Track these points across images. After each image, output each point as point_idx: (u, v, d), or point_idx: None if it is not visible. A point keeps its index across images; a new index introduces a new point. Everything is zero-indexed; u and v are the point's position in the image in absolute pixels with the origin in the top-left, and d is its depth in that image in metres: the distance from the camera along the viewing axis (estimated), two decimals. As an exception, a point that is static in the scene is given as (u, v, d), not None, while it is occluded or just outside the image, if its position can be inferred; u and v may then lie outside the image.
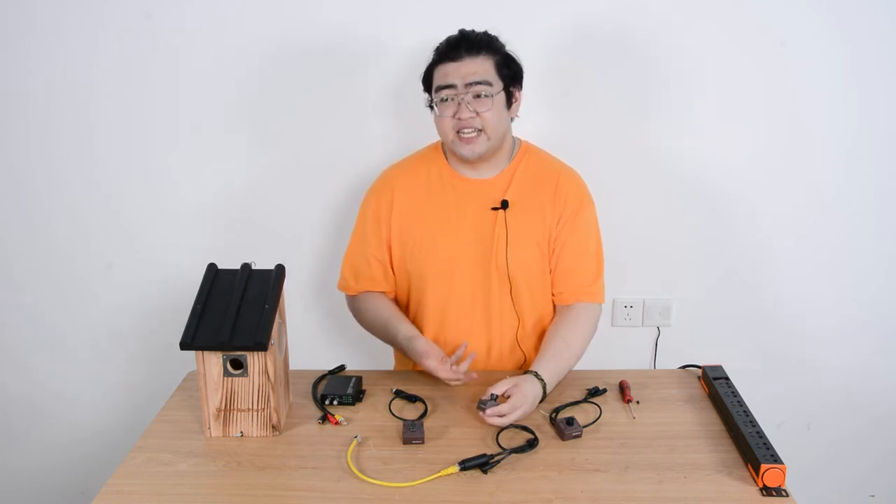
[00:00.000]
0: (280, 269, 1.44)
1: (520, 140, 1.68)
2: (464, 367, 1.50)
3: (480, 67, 1.51)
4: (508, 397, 1.39)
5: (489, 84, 1.51)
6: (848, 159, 1.98)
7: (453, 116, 1.52)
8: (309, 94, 1.94)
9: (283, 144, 2.00)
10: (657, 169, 2.00)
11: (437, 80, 1.54)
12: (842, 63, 1.90)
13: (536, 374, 1.46)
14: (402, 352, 1.62)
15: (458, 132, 1.53)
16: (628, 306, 2.12)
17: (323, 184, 2.02)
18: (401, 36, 1.88)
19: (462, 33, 1.54)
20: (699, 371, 1.60)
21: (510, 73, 1.56)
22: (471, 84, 1.50)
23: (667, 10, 1.86)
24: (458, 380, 1.51)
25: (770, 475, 1.21)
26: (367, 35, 1.90)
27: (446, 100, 1.52)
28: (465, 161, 1.59)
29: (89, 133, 1.98)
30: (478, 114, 1.51)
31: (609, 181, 1.94)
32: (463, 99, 1.51)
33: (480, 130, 1.53)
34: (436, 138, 1.68)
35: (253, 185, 2.02)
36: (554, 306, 1.68)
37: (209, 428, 1.38)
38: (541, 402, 1.45)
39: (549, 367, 1.49)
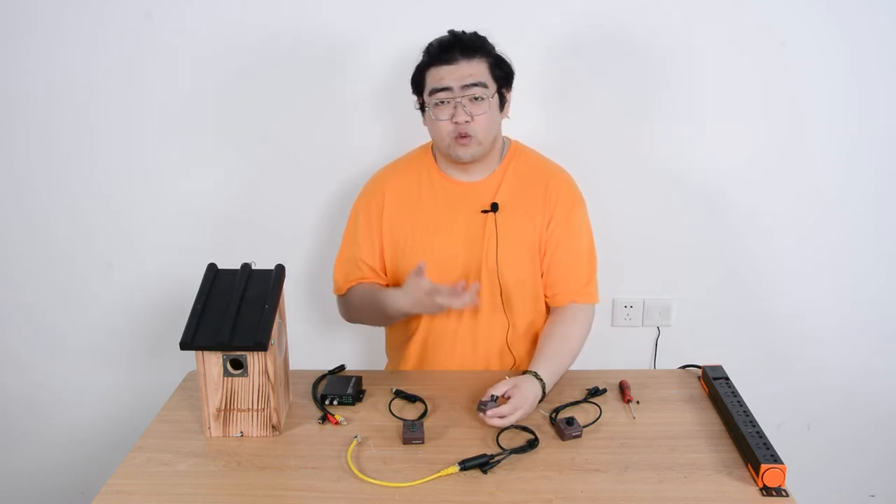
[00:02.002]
0: (280, 269, 1.44)
1: (509, 140, 1.68)
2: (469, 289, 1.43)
3: (476, 70, 1.51)
4: (508, 398, 1.39)
5: (485, 86, 1.51)
6: (848, 159, 1.98)
7: (450, 119, 1.52)
8: (309, 94, 1.94)
9: (283, 144, 1.99)
10: (657, 169, 2.00)
11: (432, 82, 1.53)
12: (842, 63, 1.90)
13: (535, 375, 1.46)
14: (394, 313, 1.57)
15: (454, 137, 1.53)
16: (628, 306, 2.12)
17: (323, 184, 2.02)
18: (399, 37, 1.88)
19: (454, 35, 1.53)
20: (699, 371, 1.60)
21: (502, 75, 1.56)
22: (467, 86, 1.50)
23: (666, 10, 1.86)
24: (458, 293, 1.43)
25: (770, 475, 1.21)
26: (367, 36, 1.90)
27: (441, 103, 1.52)
28: (456, 163, 1.59)
29: (89, 133, 1.98)
30: (473, 117, 1.51)
31: (609, 181, 1.94)
32: (459, 102, 1.50)
33: (472, 136, 1.52)
34: (429, 139, 1.68)
35: (253, 185, 2.02)
36: (547, 308, 1.67)
37: (209, 428, 1.38)
38: (540, 401, 1.45)
39: (548, 366, 1.49)
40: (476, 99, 1.51)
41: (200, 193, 2.03)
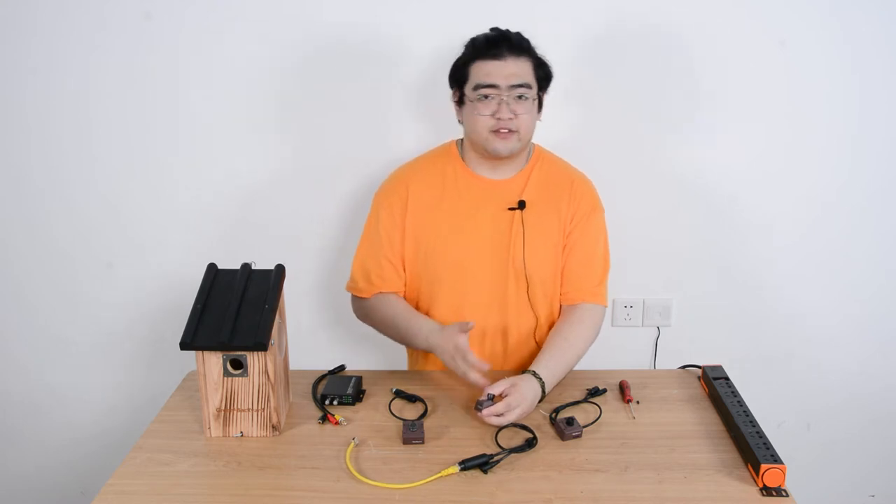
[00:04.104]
0: (280, 269, 1.44)
1: (533, 144, 1.68)
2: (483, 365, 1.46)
3: (523, 70, 1.51)
4: (506, 396, 1.39)
5: (530, 87, 1.52)
6: (848, 159, 1.98)
7: (491, 115, 1.52)
8: (310, 93, 1.94)
9: (283, 144, 1.99)
10: (657, 169, 2.00)
11: (478, 77, 1.51)
12: (842, 63, 1.90)
13: (535, 374, 1.46)
14: (423, 349, 1.59)
15: (493, 131, 1.53)
16: (628, 306, 2.12)
17: (323, 183, 2.02)
18: (401, 37, 1.88)
19: (500, 32, 1.53)
20: (699, 371, 1.60)
21: (543, 77, 1.57)
22: (514, 86, 1.50)
23: (666, 11, 1.86)
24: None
25: (770, 475, 1.21)
26: (368, 36, 1.89)
27: (485, 97, 1.52)
28: (486, 160, 1.59)
29: (89, 133, 1.98)
30: (515, 115, 1.51)
31: (609, 181, 1.93)
32: (504, 99, 1.50)
33: (515, 131, 1.53)
34: (444, 139, 1.68)
35: (253, 184, 2.02)
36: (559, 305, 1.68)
37: (209, 428, 1.38)
38: (540, 401, 1.45)
39: (549, 366, 1.49)
40: (521, 98, 1.51)
41: (200, 193, 2.03)
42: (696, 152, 1.98)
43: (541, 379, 1.46)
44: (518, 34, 1.55)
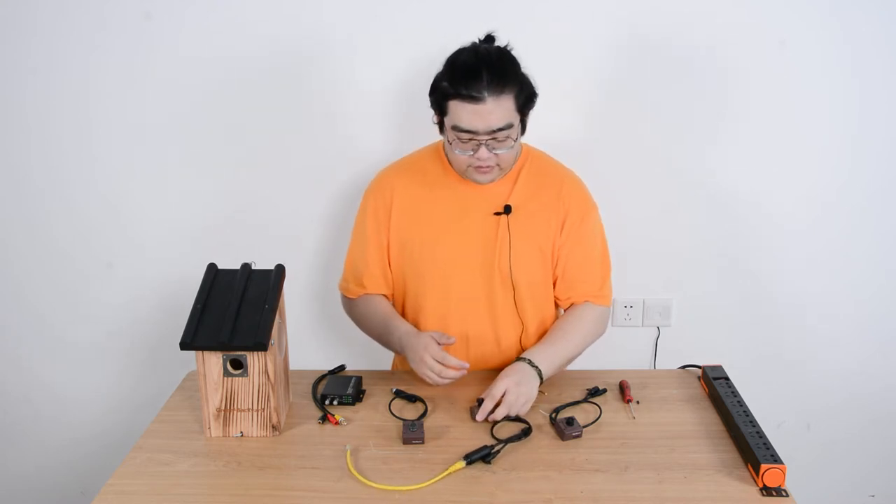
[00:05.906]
0: (280, 269, 1.44)
1: (522, 143, 1.67)
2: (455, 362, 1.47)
3: (504, 111, 1.41)
4: (490, 392, 1.41)
5: (511, 126, 1.44)
6: (848, 159, 1.98)
7: (471, 155, 1.47)
8: (309, 94, 1.94)
9: (283, 144, 1.99)
10: (657, 169, 2.00)
11: (456, 118, 1.42)
12: (842, 63, 1.90)
13: (520, 358, 1.48)
14: (396, 351, 1.62)
15: (473, 166, 1.49)
16: (628, 306, 2.12)
17: (323, 184, 2.03)
18: (399, 37, 1.88)
19: (479, 58, 1.41)
20: (699, 371, 1.60)
21: (526, 100, 1.47)
22: (494, 131, 1.43)
23: (666, 10, 1.86)
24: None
25: (770, 475, 1.21)
26: (367, 36, 1.89)
27: (465, 140, 1.45)
28: None
29: (89, 133, 1.98)
30: (496, 154, 1.47)
31: (609, 180, 1.93)
32: (483, 141, 1.44)
33: (496, 165, 1.49)
34: (434, 138, 1.68)
35: (253, 184, 2.02)
36: (556, 309, 1.68)
37: (209, 428, 1.38)
38: (541, 383, 1.46)
39: (544, 350, 1.51)
40: (501, 139, 1.45)
41: (200, 193, 2.03)
42: (696, 152, 1.98)
43: (526, 359, 1.47)
44: (499, 58, 1.42)
